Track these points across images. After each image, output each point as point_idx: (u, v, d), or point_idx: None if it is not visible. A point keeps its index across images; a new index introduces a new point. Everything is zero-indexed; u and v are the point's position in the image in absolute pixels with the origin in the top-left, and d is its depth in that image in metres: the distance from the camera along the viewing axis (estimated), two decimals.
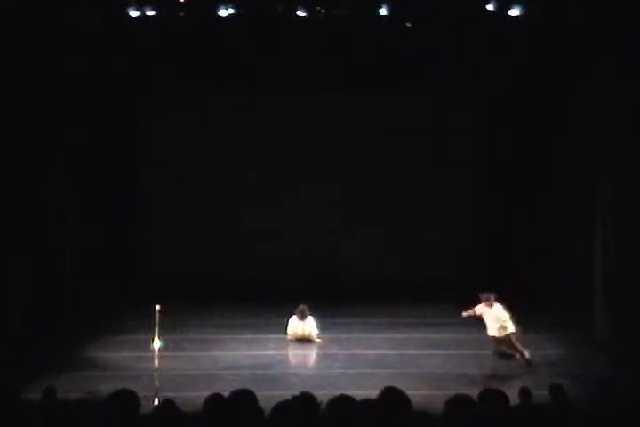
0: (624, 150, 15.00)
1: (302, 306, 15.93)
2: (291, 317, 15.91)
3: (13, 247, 15.26)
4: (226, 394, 6.11)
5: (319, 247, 19.78)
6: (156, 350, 12.22)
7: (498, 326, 14.15)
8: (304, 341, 15.75)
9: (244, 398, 6.01)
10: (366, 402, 5.92)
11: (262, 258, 19.74)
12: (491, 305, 14.23)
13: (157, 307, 12.20)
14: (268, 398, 6.51)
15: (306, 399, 5.96)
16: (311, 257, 19.67)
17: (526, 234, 18.92)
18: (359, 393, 6.40)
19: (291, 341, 15.82)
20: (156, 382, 11.70)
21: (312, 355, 15.43)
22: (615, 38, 14.68)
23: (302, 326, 15.84)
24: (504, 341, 14.19)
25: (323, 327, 15.97)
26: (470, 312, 14.42)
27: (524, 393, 8.90)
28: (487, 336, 14.32)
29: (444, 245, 19.99)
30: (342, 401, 5.83)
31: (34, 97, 15.76)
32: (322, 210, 19.92)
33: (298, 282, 18.45)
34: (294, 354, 15.41)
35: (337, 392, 6.02)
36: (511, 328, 14.10)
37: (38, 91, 15.87)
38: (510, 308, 14.26)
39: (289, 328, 15.88)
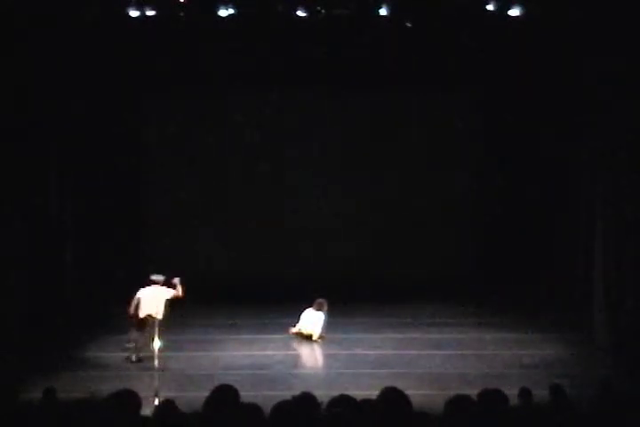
0: (625, 150, 14.98)
1: (321, 300, 15.91)
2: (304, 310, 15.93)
3: (13, 247, 15.24)
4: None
5: (319, 247, 19.77)
6: (156, 350, 12.22)
7: (154, 305, 14.01)
8: (304, 338, 15.73)
9: (227, 394, 5.97)
10: (366, 402, 5.92)
11: (263, 258, 19.74)
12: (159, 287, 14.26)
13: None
14: (268, 398, 6.50)
15: (306, 399, 5.96)
16: (311, 257, 19.66)
17: (526, 234, 18.90)
18: (359, 393, 6.40)
19: (293, 334, 15.79)
20: (156, 382, 11.70)
21: (312, 355, 15.44)
22: (615, 38, 14.66)
23: (310, 316, 15.82)
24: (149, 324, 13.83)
25: (322, 327, 15.95)
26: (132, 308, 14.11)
27: (524, 393, 8.90)
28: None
29: (444, 244, 19.98)
30: (342, 401, 5.83)
31: (33, 97, 15.74)
32: (322, 210, 19.91)
33: (298, 282, 18.43)
34: (294, 354, 15.40)
35: (337, 392, 6.02)
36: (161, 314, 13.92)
37: (38, 91, 15.85)
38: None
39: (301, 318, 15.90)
